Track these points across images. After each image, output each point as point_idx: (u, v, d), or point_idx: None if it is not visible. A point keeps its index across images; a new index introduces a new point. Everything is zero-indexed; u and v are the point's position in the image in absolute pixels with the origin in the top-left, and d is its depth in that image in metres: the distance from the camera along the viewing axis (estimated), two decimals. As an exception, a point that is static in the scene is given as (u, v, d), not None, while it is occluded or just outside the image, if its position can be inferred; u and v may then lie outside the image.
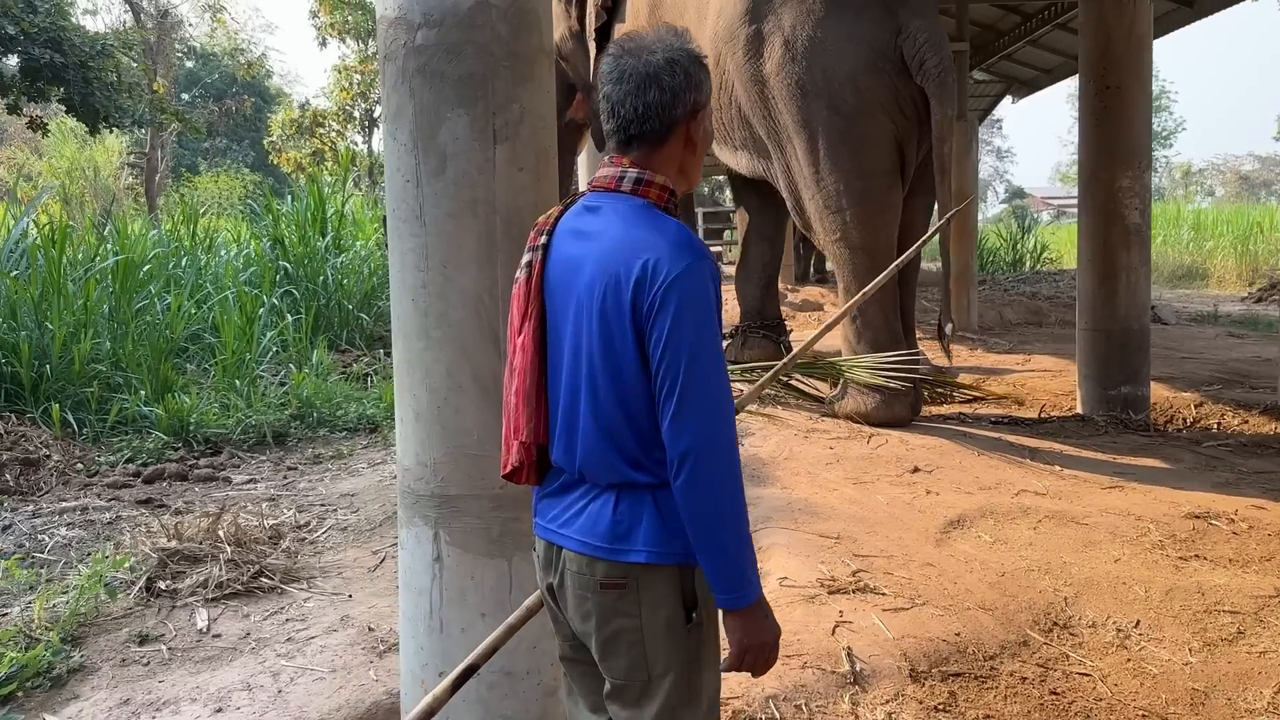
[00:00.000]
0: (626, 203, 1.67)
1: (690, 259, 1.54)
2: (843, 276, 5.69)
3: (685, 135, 1.70)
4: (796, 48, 5.50)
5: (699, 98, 1.68)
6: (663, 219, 1.63)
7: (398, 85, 2.42)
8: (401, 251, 2.47)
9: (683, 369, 1.52)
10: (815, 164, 5.57)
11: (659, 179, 1.68)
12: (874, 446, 5.26)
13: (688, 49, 1.69)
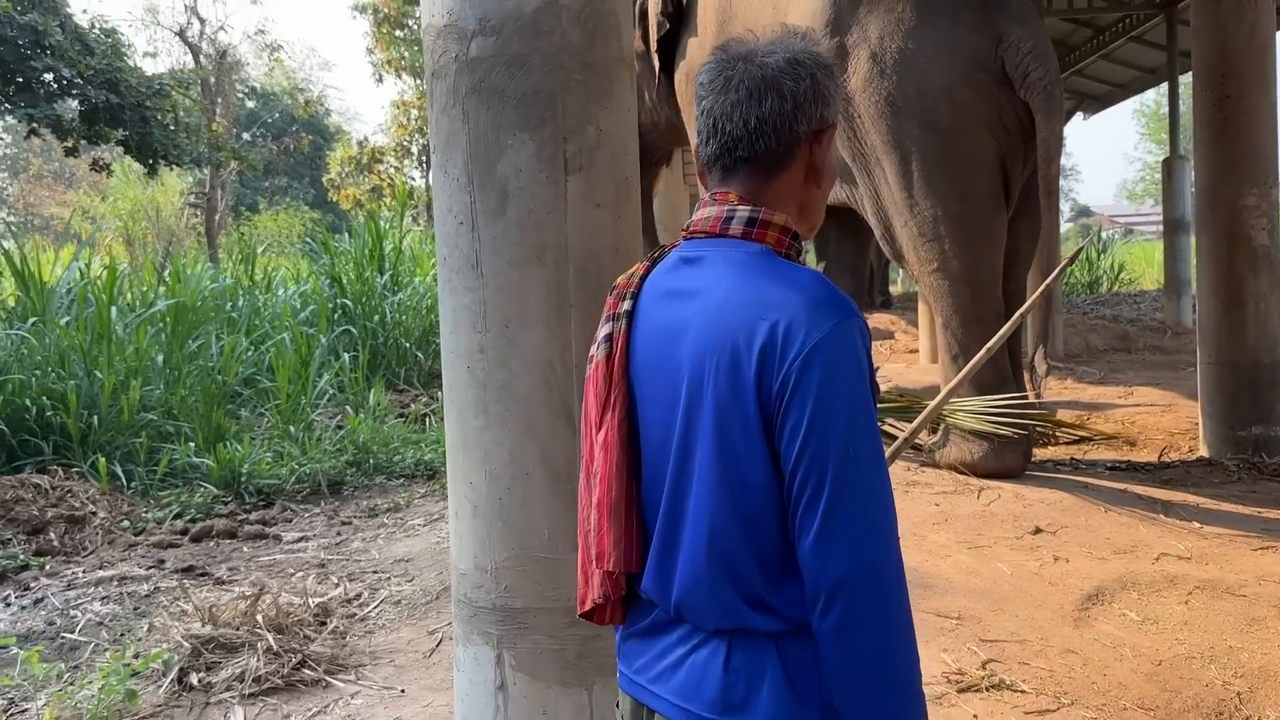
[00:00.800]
0: (739, 249, 1.29)
1: (836, 318, 1.17)
2: (941, 310, 5.15)
3: (808, 160, 1.33)
4: (885, 61, 5.00)
5: (827, 113, 1.31)
6: (790, 268, 1.26)
7: (448, 107, 1.98)
8: (454, 308, 2.02)
9: (831, 469, 1.15)
10: (908, 187, 5.06)
11: (778, 218, 1.31)
12: (986, 502, 4.69)
13: (814, 52, 1.33)
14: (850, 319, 1.18)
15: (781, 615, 1.21)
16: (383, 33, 22.85)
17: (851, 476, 1.15)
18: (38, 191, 32.08)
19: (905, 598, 1.19)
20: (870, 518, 1.16)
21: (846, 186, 5.53)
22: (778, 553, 1.21)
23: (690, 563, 1.24)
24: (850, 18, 5.16)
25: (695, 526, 1.24)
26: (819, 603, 1.16)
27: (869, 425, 1.18)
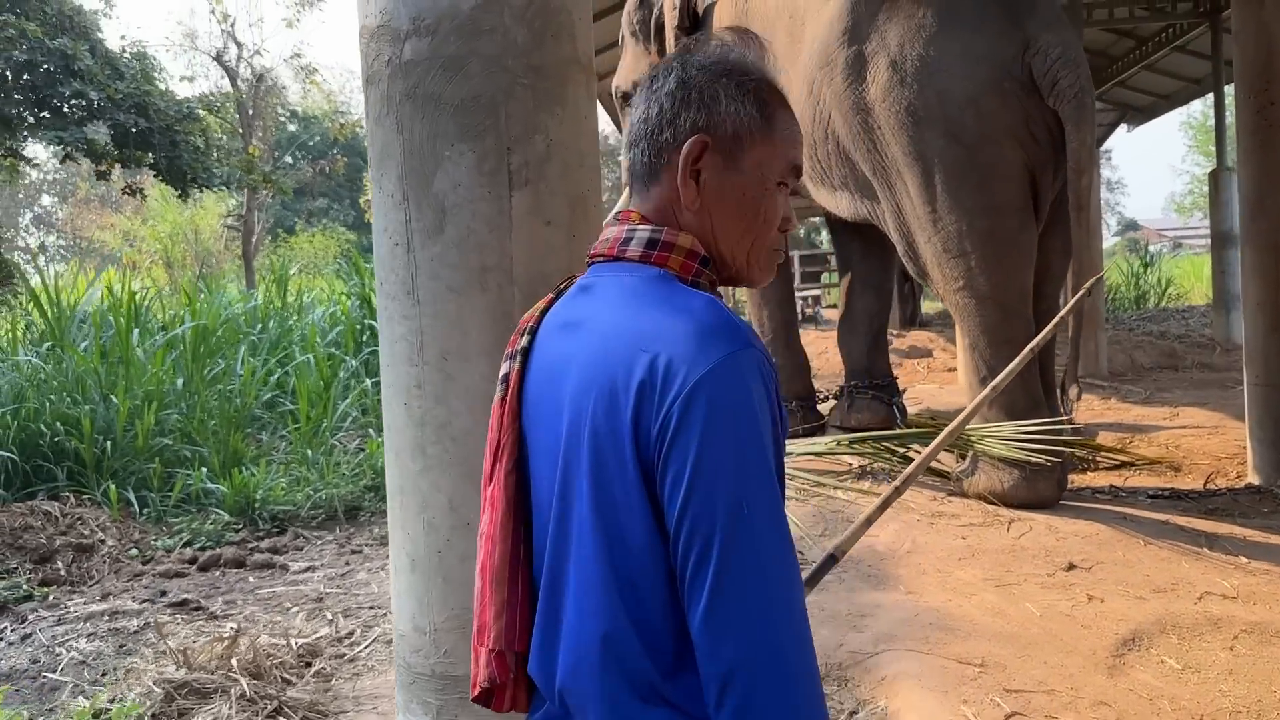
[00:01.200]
0: (634, 274, 1.17)
1: (726, 349, 1.03)
2: (968, 331, 4.88)
3: (681, 173, 1.18)
4: (905, 69, 4.76)
5: (701, 120, 1.18)
6: (685, 295, 1.12)
7: (382, 116, 1.79)
8: (391, 339, 1.82)
9: (719, 530, 0.99)
10: (931, 201, 4.81)
11: (683, 240, 1.18)
12: (1016, 535, 4.41)
13: (726, 62, 1.22)
14: (744, 350, 1.03)
15: (680, 710, 1.03)
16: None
17: (743, 539, 0.98)
18: (85, 215, 32.61)
19: (814, 686, 1.01)
20: (767, 589, 0.99)
21: (867, 201, 5.28)
22: (669, 630, 1.04)
23: (571, 644, 1.08)
24: (869, 25, 4.93)
25: (575, 599, 1.08)
26: (712, 695, 0.99)
27: (764, 476, 1.01)
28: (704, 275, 1.19)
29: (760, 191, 1.18)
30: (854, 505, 4.74)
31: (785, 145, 1.20)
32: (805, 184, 5.68)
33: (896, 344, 14.08)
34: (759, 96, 1.19)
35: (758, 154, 1.18)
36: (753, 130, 1.18)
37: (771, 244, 1.22)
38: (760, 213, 1.18)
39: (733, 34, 1.27)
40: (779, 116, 1.20)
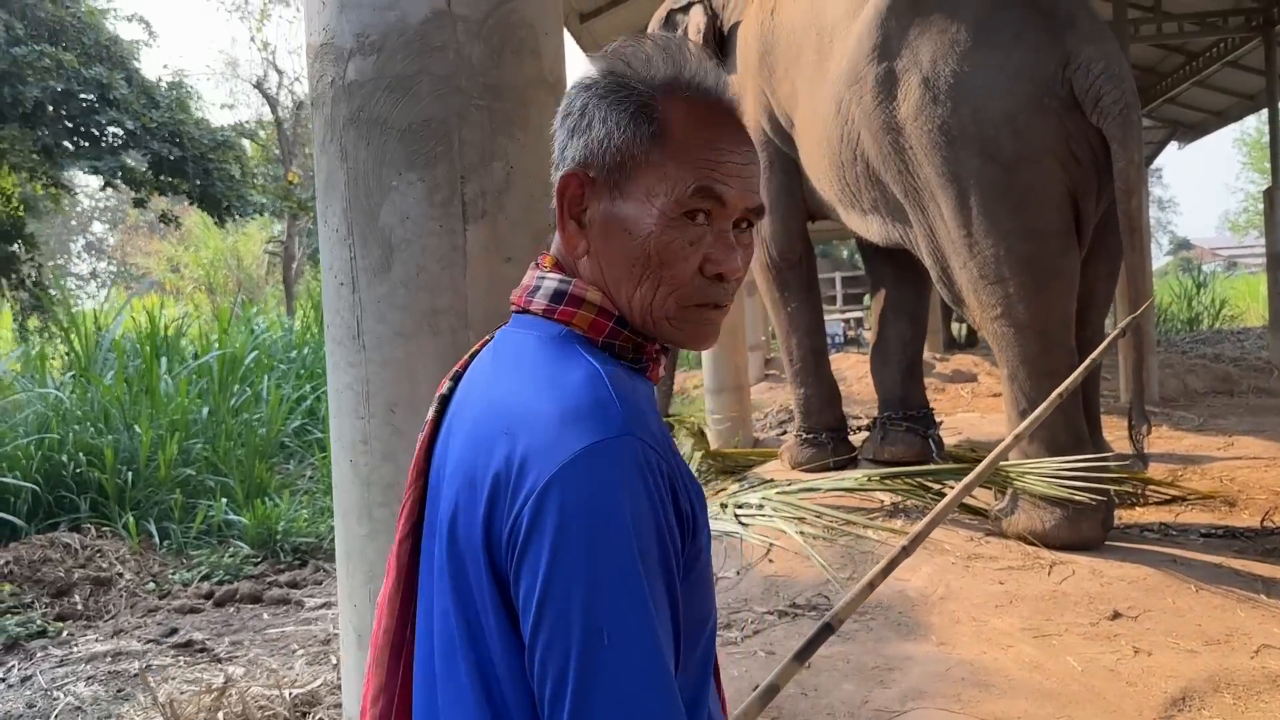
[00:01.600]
0: (533, 332, 1.03)
1: (585, 440, 0.88)
2: (1007, 361, 4.63)
3: (560, 211, 1.04)
4: (938, 86, 4.54)
5: (579, 150, 1.03)
6: (572, 363, 0.97)
7: (326, 143, 1.62)
8: (338, 388, 1.65)
9: (574, 658, 0.84)
10: (967, 225, 4.57)
11: (591, 295, 1.03)
12: (1057, 580, 4.14)
13: (610, 74, 1.04)
14: (614, 441, 0.87)
15: None
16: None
17: (602, 676, 0.83)
18: (134, 242, 33.16)
19: None
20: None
21: (899, 225, 5.05)
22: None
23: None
24: (900, 41, 4.72)
25: (446, 709, 0.95)
26: None
27: (632, 599, 0.84)
28: (622, 338, 1.02)
29: (652, 226, 0.99)
30: (885, 545, 4.49)
31: (685, 165, 0.99)
32: (835, 208, 5.46)
33: (939, 368, 13.74)
34: (646, 110, 1.01)
35: (646, 179, 1.00)
36: (636, 152, 1.00)
37: (684, 294, 1.01)
38: (653, 253, 0.99)
39: (660, 34, 1.08)
40: (677, 130, 1.01)
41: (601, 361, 0.98)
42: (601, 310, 1.02)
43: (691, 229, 1.00)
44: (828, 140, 5.13)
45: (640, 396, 0.97)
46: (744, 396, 8.77)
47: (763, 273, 6.03)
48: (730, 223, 1.03)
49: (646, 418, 0.93)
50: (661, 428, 0.97)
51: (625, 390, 0.94)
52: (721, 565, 4.62)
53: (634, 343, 1.04)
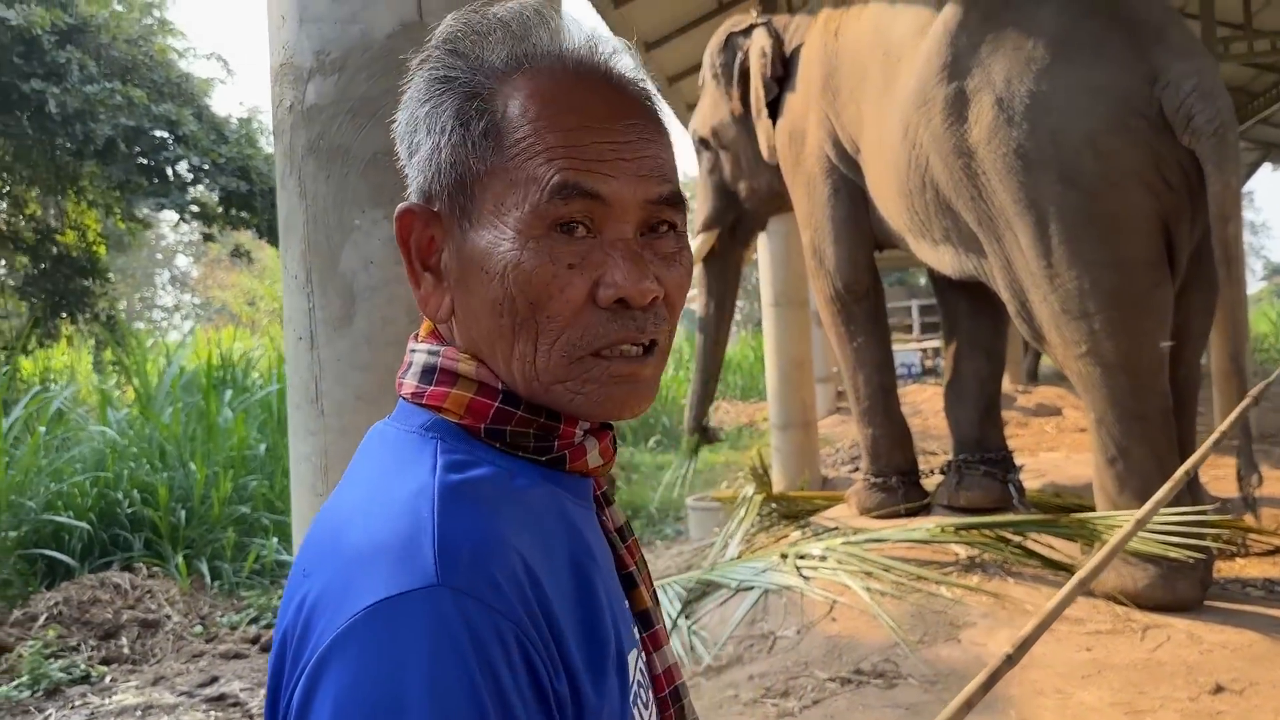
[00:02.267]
0: (395, 425, 0.80)
1: (376, 594, 0.64)
2: (1093, 404, 4.25)
3: (409, 257, 0.81)
4: (1013, 106, 4.22)
5: (414, 177, 0.81)
6: (408, 471, 0.73)
7: (285, 178, 1.41)
8: (296, 459, 1.43)
9: None
10: (1046, 255, 4.23)
11: (464, 367, 0.79)
12: (1151, 646, 3.74)
13: (427, 66, 0.80)
14: (420, 596, 0.63)
15: None
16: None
17: None
18: (215, 275, 33.98)
19: None
20: None
21: (973, 256, 4.71)
22: None
23: None
24: (970, 59, 4.41)
25: None
26: None
27: None
28: (515, 420, 0.77)
29: (510, 253, 0.74)
30: (959, 605, 4.14)
31: (536, 159, 0.74)
32: (905, 237, 5.14)
33: (1021, 401, 13.19)
34: (473, 101, 0.76)
35: (492, 193, 0.75)
36: (471, 161, 0.76)
37: (572, 341, 0.75)
38: (516, 290, 0.74)
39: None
40: (519, 116, 0.75)
41: (459, 467, 0.72)
42: (482, 387, 0.78)
43: (567, 246, 0.74)
44: (895, 166, 4.82)
45: (510, 518, 0.71)
46: (811, 433, 8.43)
47: (827, 306, 5.73)
48: (631, 227, 0.76)
49: (491, 557, 0.67)
50: (545, 564, 0.71)
51: (473, 514, 0.69)
52: (781, 623, 4.31)
53: (536, 425, 0.78)
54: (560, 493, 0.80)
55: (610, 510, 0.91)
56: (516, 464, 0.77)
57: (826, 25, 5.42)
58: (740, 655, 4.18)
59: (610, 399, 0.77)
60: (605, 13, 8.57)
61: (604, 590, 0.78)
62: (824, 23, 5.45)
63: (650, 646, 0.89)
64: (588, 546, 0.79)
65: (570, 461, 0.80)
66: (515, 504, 0.73)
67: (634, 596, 0.89)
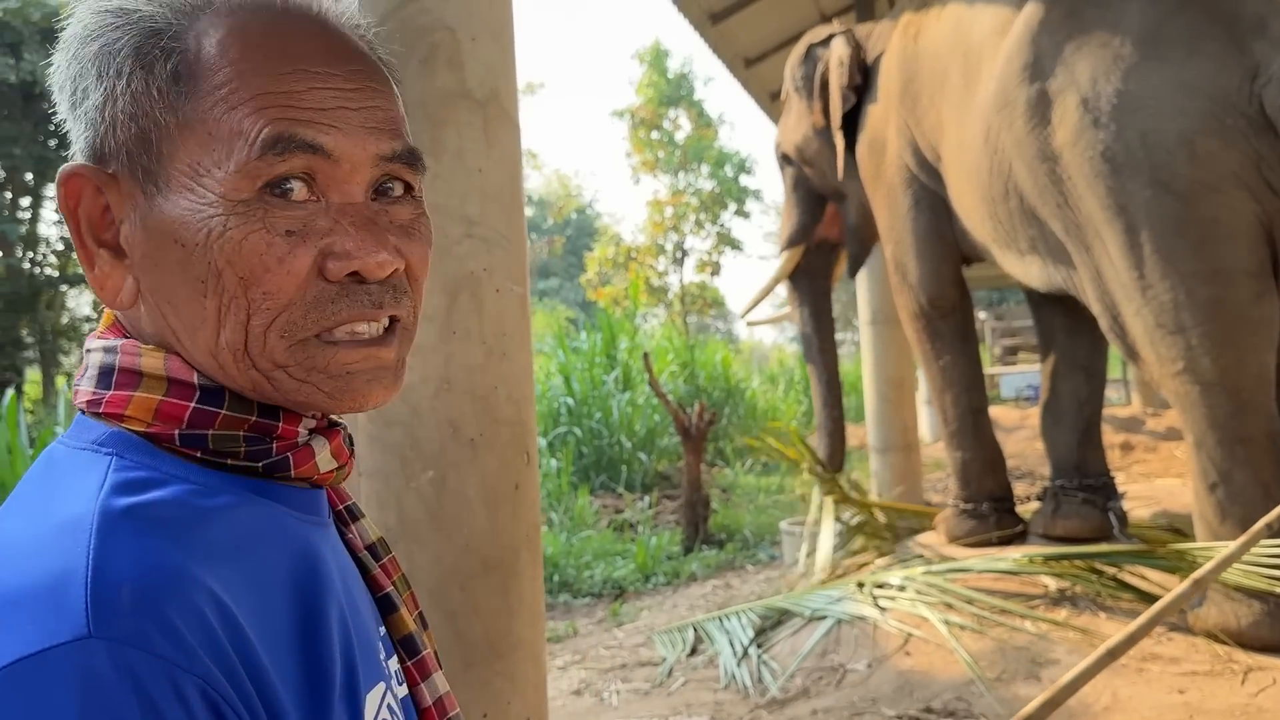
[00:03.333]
0: (64, 442, 0.67)
1: (15, 650, 0.51)
2: (1191, 425, 3.93)
3: (78, 231, 0.68)
4: (1100, 107, 3.96)
5: (84, 136, 0.67)
6: (60, 497, 0.61)
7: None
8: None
9: None
10: (1138, 265, 3.94)
11: (148, 359, 0.67)
12: (1253, 691, 3.41)
13: (104, 7, 0.66)
14: (66, 651, 0.51)
15: None
16: (638, 136, 23.33)
17: None
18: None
19: None
20: None
21: (1062, 268, 4.44)
22: None
23: None
24: (1054, 58, 4.16)
25: None
26: None
27: None
28: (219, 421, 0.65)
29: (213, 221, 0.63)
30: (1044, 641, 3.87)
31: (242, 108, 0.63)
32: (990, 249, 4.88)
33: (1150, 424, 12.51)
34: (156, 40, 0.64)
35: (186, 151, 0.63)
36: (157, 112, 0.64)
37: (293, 321, 0.64)
38: (222, 264, 0.63)
39: None
40: (219, 58, 0.64)
41: (132, 488, 0.60)
42: (173, 385, 0.66)
43: (284, 210, 0.64)
44: (977, 173, 4.59)
45: (197, 546, 0.59)
46: (913, 456, 8.13)
47: (911, 322, 5.48)
48: (360, 189, 0.65)
49: (163, 596, 0.55)
50: (249, 598, 0.60)
51: (141, 544, 0.57)
52: (852, 655, 4.11)
53: (247, 426, 0.67)
54: (280, 509, 0.68)
55: (357, 526, 0.80)
56: (218, 478, 0.66)
57: (906, 30, 5.23)
58: (807, 688, 4.00)
59: (347, 390, 0.66)
60: (703, 30, 8.51)
61: (338, 620, 0.67)
62: (904, 27, 5.26)
63: (416, 675, 0.78)
64: (317, 570, 0.68)
65: (295, 467, 0.69)
66: (207, 527, 0.62)
67: (392, 622, 0.78)
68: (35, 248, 15.60)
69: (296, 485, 0.71)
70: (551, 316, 22.50)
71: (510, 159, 1.41)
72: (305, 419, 0.70)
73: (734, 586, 6.79)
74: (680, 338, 16.58)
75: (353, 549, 0.78)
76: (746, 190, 23.77)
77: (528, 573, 1.57)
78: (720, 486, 11.29)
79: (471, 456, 1.45)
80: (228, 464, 0.67)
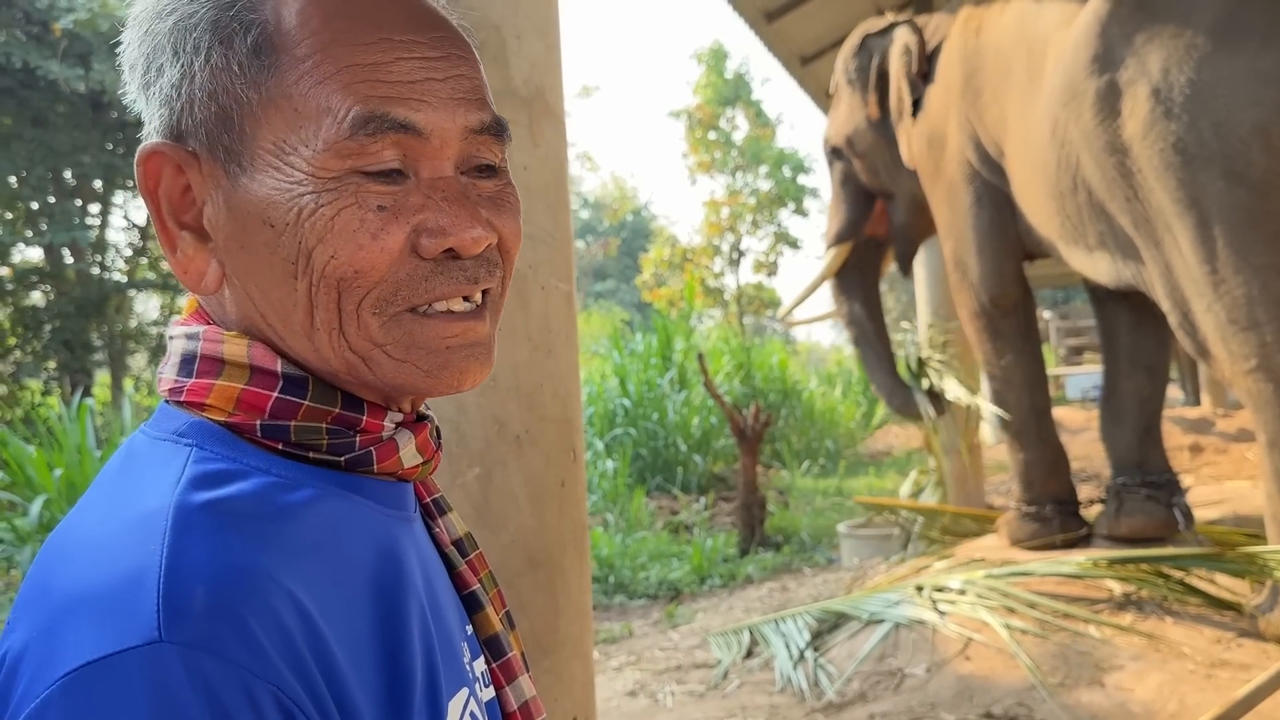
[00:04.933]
0: (146, 431, 0.65)
1: (85, 654, 0.50)
2: (1265, 425, 3.80)
3: (159, 214, 0.65)
4: (1172, 97, 3.85)
5: (158, 114, 0.65)
6: (140, 492, 0.58)
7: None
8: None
9: None
10: (1210, 260, 3.82)
11: (231, 346, 0.65)
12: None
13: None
14: (137, 655, 0.49)
15: None
16: (695, 136, 23.30)
17: None
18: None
19: None
20: None
21: (1131, 263, 4.32)
22: None
23: None
24: (1124, 48, 4.05)
25: None
26: None
27: None
28: (302, 412, 0.63)
29: (303, 200, 0.61)
30: (1108, 646, 3.76)
31: (329, 84, 0.61)
32: (1056, 244, 4.77)
33: (1221, 425, 12.16)
34: (233, 12, 0.62)
35: (271, 129, 0.61)
36: (239, 89, 0.62)
37: (385, 295, 0.63)
38: (313, 244, 0.61)
39: None
40: (300, 30, 0.62)
41: (211, 481, 0.59)
42: (256, 374, 0.64)
43: (376, 185, 0.62)
44: (1043, 167, 4.49)
45: (277, 544, 0.57)
46: (975, 457, 8.00)
47: (971, 321, 5.37)
48: (451, 164, 0.64)
49: (240, 597, 0.53)
50: (330, 598, 0.58)
51: (218, 542, 0.55)
52: (910, 659, 4.04)
53: (331, 418, 0.64)
54: (364, 503, 0.66)
55: (444, 520, 0.77)
56: (300, 470, 0.63)
57: (967, 23, 5.13)
58: (864, 692, 3.93)
59: (446, 366, 0.65)
60: (759, 28, 8.45)
61: (419, 622, 0.65)
62: (964, 20, 5.16)
63: (502, 679, 0.76)
64: (400, 568, 0.65)
65: (378, 462, 0.67)
66: (288, 523, 0.59)
67: (478, 620, 0.76)
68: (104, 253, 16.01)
69: (382, 478, 0.69)
70: (607, 318, 22.54)
71: (556, 156, 1.40)
72: (391, 412, 0.68)
73: (790, 589, 6.72)
74: (736, 339, 16.51)
75: (439, 544, 0.75)
76: (804, 189, 23.58)
77: (574, 570, 1.56)
78: (777, 488, 11.21)
79: (518, 453, 1.44)
80: (310, 456, 0.65)
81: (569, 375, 1.48)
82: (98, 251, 15.79)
